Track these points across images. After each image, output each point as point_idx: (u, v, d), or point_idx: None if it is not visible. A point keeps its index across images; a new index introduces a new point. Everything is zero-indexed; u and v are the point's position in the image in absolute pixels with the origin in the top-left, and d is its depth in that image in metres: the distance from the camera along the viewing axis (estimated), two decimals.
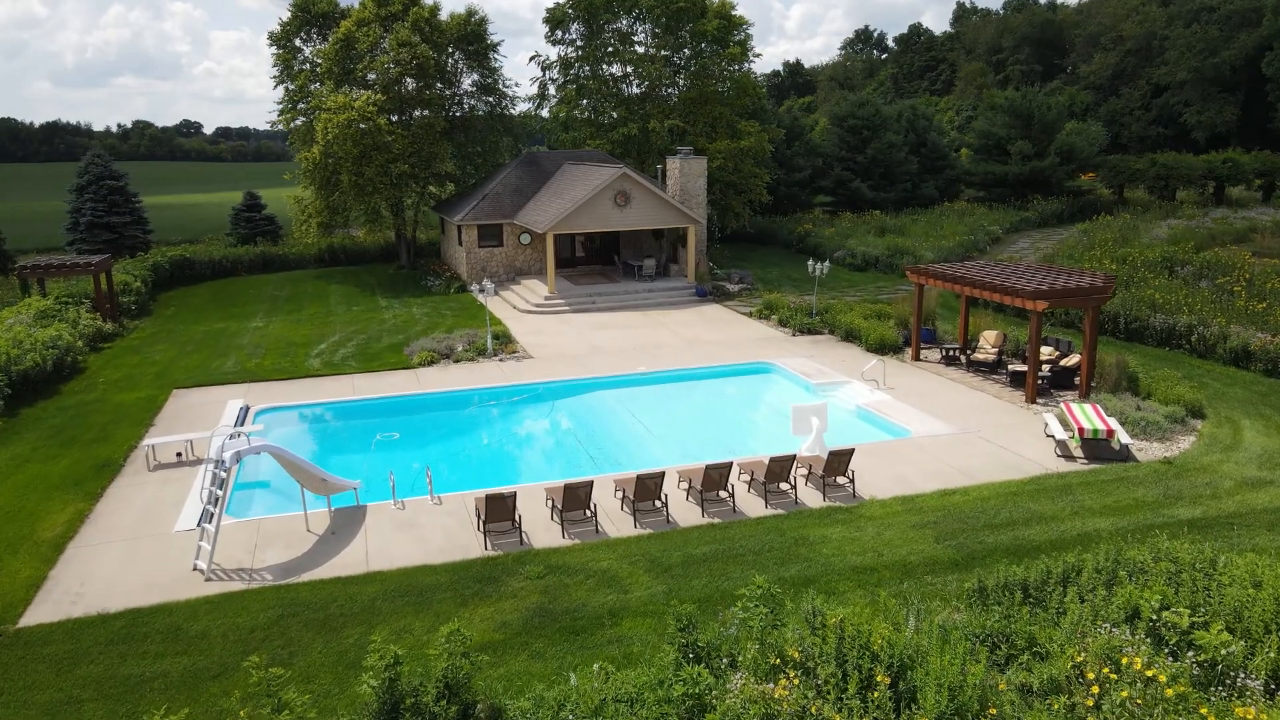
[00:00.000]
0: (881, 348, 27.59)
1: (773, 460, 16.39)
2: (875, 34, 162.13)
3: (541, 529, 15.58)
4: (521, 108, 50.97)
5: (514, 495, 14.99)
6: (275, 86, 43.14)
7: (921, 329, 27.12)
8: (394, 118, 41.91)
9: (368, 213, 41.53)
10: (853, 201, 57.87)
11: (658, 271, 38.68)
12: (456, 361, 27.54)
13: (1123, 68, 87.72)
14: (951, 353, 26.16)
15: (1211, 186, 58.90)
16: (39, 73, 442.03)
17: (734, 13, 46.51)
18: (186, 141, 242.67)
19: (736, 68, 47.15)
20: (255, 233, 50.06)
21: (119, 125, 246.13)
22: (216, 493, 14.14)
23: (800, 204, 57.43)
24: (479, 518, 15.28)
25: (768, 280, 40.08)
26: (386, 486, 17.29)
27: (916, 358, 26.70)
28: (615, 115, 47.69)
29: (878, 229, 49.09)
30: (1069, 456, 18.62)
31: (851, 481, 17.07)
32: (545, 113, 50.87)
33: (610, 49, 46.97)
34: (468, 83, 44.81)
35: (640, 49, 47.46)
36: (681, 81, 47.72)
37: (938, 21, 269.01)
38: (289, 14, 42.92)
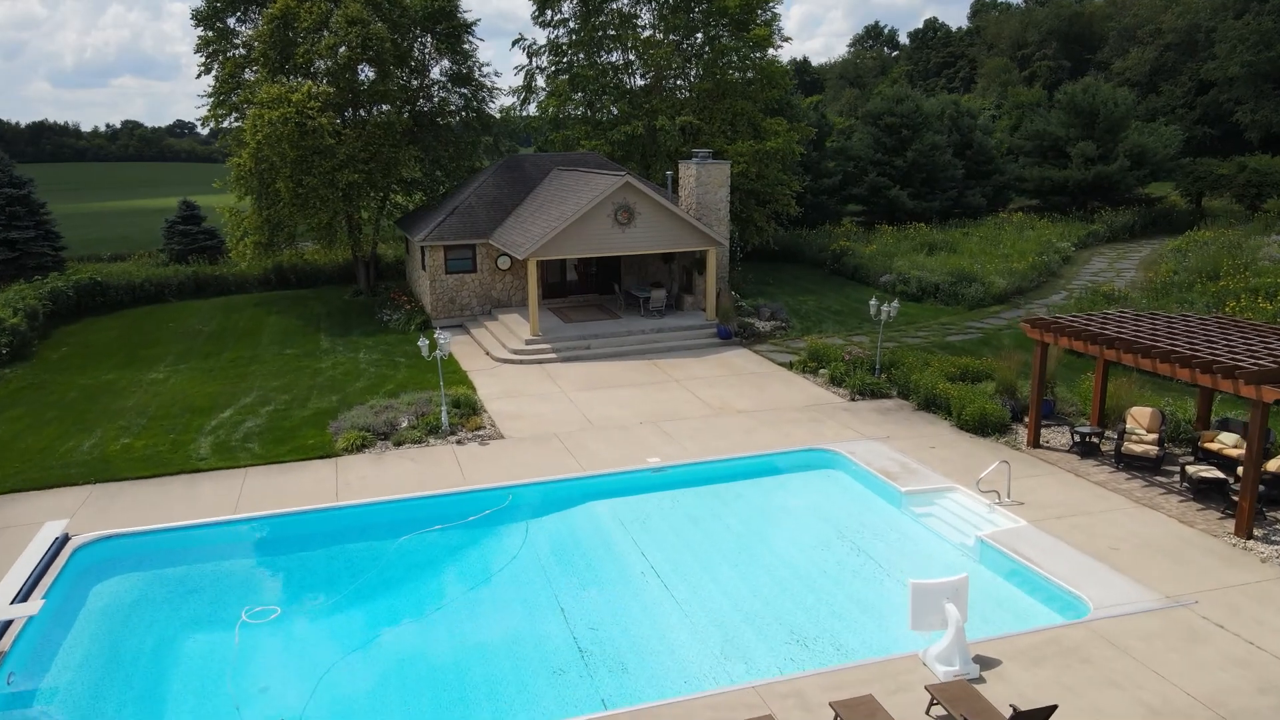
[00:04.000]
0: (982, 426, 19.98)
1: None
2: (886, 30, 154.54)
3: None
4: (505, 102, 43.35)
5: None
6: (199, 75, 35.45)
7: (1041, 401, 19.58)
8: (346, 113, 34.37)
9: (318, 228, 33.89)
10: (890, 211, 50.14)
11: (668, 305, 31.05)
12: (398, 444, 20.00)
13: (1162, 63, 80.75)
14: (1088, 439, 18.60)
15: None
16: (38, 73, 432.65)
17: None
18: (178, 142, 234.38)
19: (760, 54, 39.51)
20: (191, 249, 42.47)
21: (107, 125, 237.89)
22: None
23: (828, 214, 49.79)
24: None
25: (803, 314, 32.47)
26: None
27: (1035, 443, 19.14)
28: (615, 111, 39.98)
29: (925, 245, 41.53)
30: None
31: None
32: (533, 108, 43.13)
33: (610, 32, 39.34)
34: (436, 71, 37.24)
35: (646, 32, 39.85)
36: (694, 71, 40.10)
37: (946, 18, 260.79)
38: None
